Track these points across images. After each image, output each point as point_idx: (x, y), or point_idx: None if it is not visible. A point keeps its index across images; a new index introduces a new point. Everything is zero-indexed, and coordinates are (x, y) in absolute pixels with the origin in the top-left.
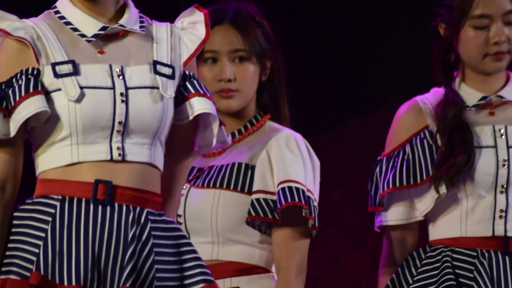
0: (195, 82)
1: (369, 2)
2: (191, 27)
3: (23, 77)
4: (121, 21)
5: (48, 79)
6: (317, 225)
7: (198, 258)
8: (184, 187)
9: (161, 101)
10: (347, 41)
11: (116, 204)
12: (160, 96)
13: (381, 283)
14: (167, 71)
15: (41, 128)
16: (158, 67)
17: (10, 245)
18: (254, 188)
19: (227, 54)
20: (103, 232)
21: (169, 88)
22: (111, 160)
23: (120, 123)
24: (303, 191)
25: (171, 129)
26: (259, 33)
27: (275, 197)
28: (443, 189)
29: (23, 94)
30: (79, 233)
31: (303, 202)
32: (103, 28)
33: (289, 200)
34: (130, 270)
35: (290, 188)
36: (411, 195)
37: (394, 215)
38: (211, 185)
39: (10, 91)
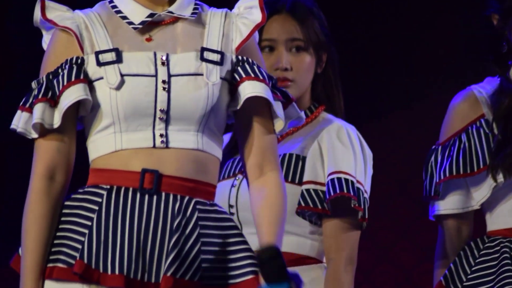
0: (247, 66)
1: None
2: (247, 12)
3: (67, 66)
4: (171, 8)
5: (91, 67)
6: (366, 216)
7: (248, 249)
8: (237, 178)
9: (205, 88)
10: (393, 32)
11: (163, 194)
12: (205, 83)
13: (437, 273)
14: (215, 57)
15: (89, 117)
16: (206, 53)
17: (59, 234)
18: (305, 179)
19: (285, 43)
20: (149, 222)
21: (215, 74)
22: (154, 147)
23: (162, 110)
24: (352, 182)
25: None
26: (316, 24)
27: (324, 188)
28: (500, 178)
29: (65, 83)
30: (124, 222)
31: (352, 194)
32: (151, 15)
33: (338, 191)
34: (172, 259)
35: (339, 179)
36: (468, 184)
37: (450, 204)
38: None
39: (55, 81)
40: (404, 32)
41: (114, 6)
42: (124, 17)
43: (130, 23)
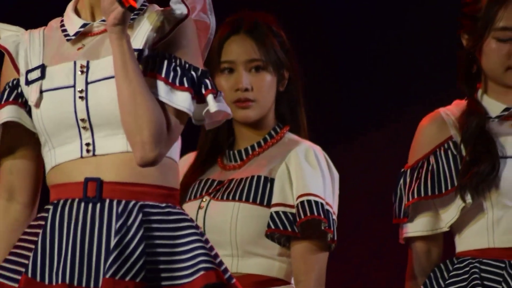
0: (157, 61)
1: (390, 14)
2: (178, 8)
3: (6, 88)
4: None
5: (24, 87)
6: (335, 238)
7: (201, 247)
8: (204, 200)
9: None
10: (367, 51)
11: (107, 200)
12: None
13: None
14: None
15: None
16: None
17: (10, 252)
18: (273, 201)
19: (244, 64)
20: (93, 228)
21: None
22: (81, 157)
23: (83, 120)
24: (322, 204)
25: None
26: (275, 42)
27: (294, 210)
28: (468, 198)
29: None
30: (69, 232)
31: (322, 216)
32: (83, 25)
33: (308, 214)
34: (112, 261)
35: (309, 201)
36: (436, 206)
37: (419, 226)
38: (230, 198)
39: None
40: (378, 52)
41: (62, 20)
42: (64, 30)
43: (66, 35)
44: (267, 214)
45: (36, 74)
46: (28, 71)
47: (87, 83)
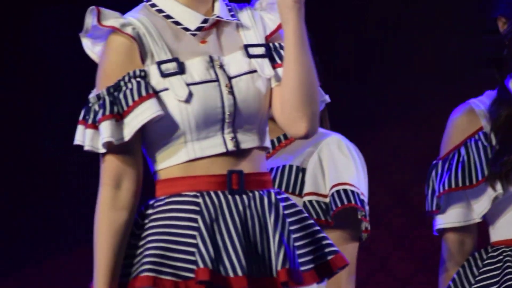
0: (281, 52)
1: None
2: (270, 7)
3: (133, 80)
4: (216, 12)
5: (154, 79)
6: (369, 228)
7: (320, 231)
8: None
9: (262, 82)
10: (389, 42)
11: (248, 192)
12: (261, 79)
13: (443, 286)
14: (260, 50)
15: (152, 127)
16: (250, 49)
17: (146, 245)
18: (306, 191)
19: None
20: (249, 221)
21: (267, 67)
22: (227, 151)
23: (230, 114)
24: (357, 194)
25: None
26: None
27: (327, 200)
28: (498, 187)
29: (136, 98)
30: (227, 225)
31: (359, 205)
32: (205, 21)
33: (345, 203)
34: (284, 253)
35: (345, 190)
36: (468, 197)
37: (452, 218)
38: None
39: (121, 95)
40: (399, 44)
41: (160, 11)
42: (177, 23)
43: (186, 29)
44: (299, 203)
45: (171, 67)
46: (159, 63)
47: (229, 78)
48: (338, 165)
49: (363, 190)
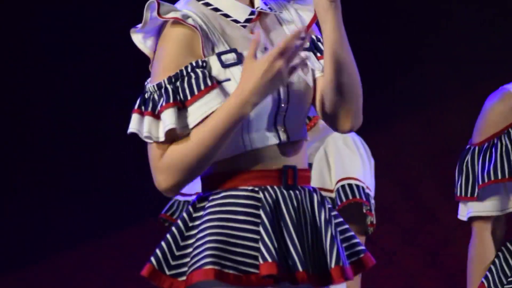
0: (320, 45)
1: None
2: (302, 0)
3: (197, 70)
4: (257, 4)
5: (215, 69)
6: (375, 222)
7: (349, 229)
8: None
9: (310, 74)
10: (398, 37)
11: (300, 188)
12: (309, 70)
13: (474, 273)
14: (306, 44)
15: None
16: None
17: (205, 238)
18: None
19: None
20: (302, 216)
21: (314, 60)
22: (280, 143)
23: (283, 106)
24: (363, 188)
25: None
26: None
27: (332, 195)
28: None
29: (202, 88)
30: (285, 220)
31: (364, 199)
32: (252, 13)
33: (350, 197)
34: (336, 250)
35: (350, 185)
36: (506, 186)
37: (489, 206)
38: None
39: (185, 85)
40: (409, 38)
41: (207, 4)
42: (226, 15)
43: (236, 21)
44: None
45: (231, 57)
46: (219, 53)
47: None
48: (344, 160)
49: (368, 184)
